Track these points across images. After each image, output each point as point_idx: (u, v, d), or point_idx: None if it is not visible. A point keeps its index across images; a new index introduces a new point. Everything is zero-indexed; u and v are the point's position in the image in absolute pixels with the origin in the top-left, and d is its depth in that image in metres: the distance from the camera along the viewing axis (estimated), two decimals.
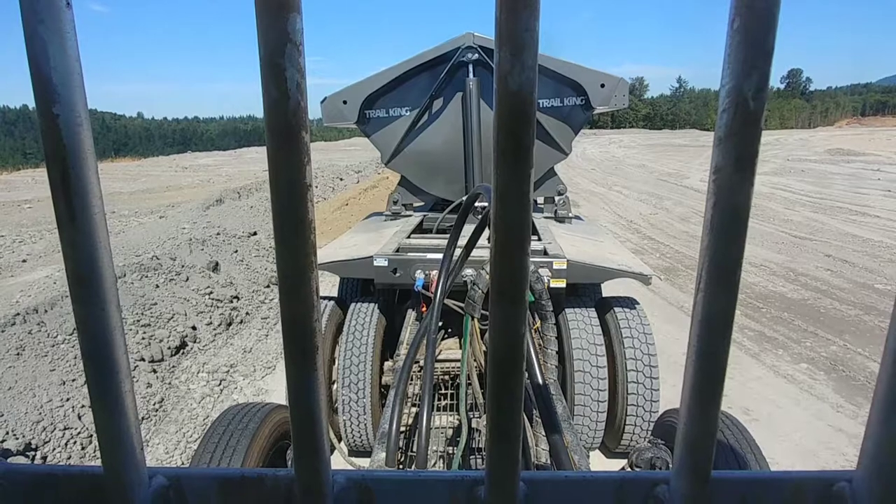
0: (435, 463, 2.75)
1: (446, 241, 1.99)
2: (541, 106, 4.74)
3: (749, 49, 0.36)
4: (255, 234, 10.19)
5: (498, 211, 0.38)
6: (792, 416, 4.35)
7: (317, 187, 18.19)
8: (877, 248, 9.55)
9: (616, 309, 3.67)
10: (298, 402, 0.41)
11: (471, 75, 4.70)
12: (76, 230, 0.37)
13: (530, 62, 0.36)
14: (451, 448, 2.96)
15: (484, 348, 2.65)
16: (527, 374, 2.92)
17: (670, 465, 2.35)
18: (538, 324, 2.27)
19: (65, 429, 3.84)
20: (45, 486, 0.44)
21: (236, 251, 8.43)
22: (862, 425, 4.26)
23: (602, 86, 4.64)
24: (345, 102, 4.91)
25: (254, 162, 30.55)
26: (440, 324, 3.23)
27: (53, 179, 0.36)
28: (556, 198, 5.24)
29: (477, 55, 4.67)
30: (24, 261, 8.87)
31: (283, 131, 0.36)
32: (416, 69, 4.78)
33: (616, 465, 3.66)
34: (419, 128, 4.94)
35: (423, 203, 5.64)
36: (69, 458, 3.71)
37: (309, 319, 0.39)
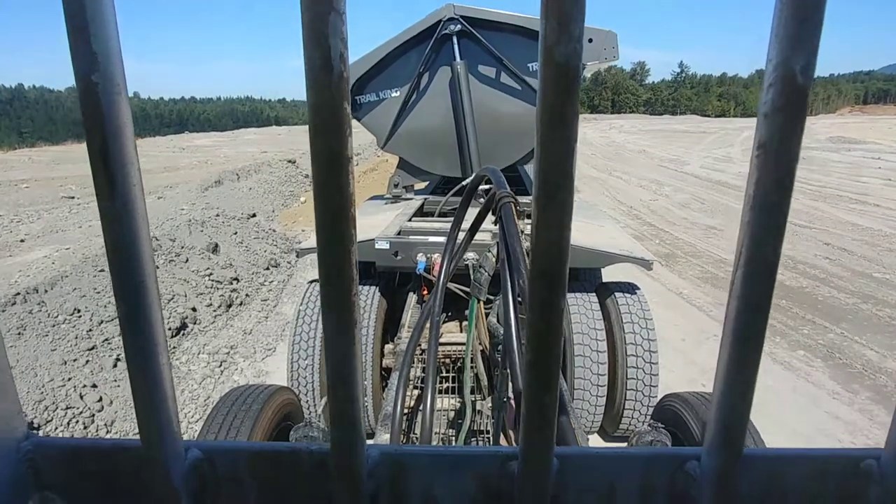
0: (436, 445, 2.78)
1: (448, 224, 1.99)
2: (530, 69, 4.69)
3: (799, 23, 0.36)
4: (254, 215, 10.16)
5: (540, 188, 0.38)
6: (789, 403, 4.40)
7: None
8: (876, 236, 9.58)
9: (616, 294, 3.68)
10: (337, 376, 0.41)
11: (457, 55, 4.64)
12: (115, 202, 0.37)
13: (577, 33, 0.35)
14: (450, 431, 2.99)
15: (488, 331, 2.66)
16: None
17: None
18: None
19: (67, 408, 3.86)
20: (78, 459, 0.44)
21: (235, 233, 8.41)
22: (858, 412, 4.32)
23: (590, 40, 4.60)
24: None
25: (252, 143, 30.35)
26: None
27: (93, 150, 0.36)
28: None
29: (459, 26, 4.61)
30: (22, 241, 8.84)
31: (326, 102, 0.36)
32: (401, 48, 4.73)
33: None
34: (411, 107, 4.90)
35: (424, 185, 5.62)
36: (71, 437, 3.74)
37: (348, 293, 0.39)
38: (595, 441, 3.82)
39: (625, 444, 2.42)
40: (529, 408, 0.42)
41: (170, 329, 5.36)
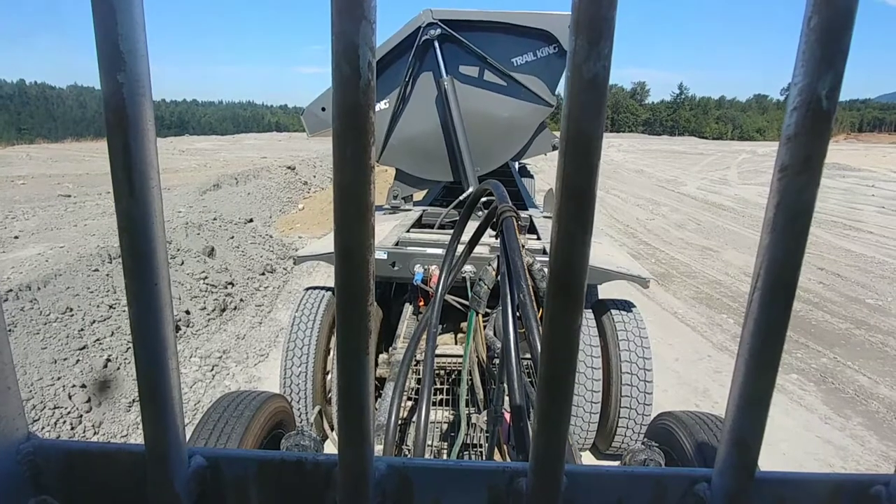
0: (438, 458, 2.76)
1: (446, 236, 1.99)
2: (515, 64, 4.71)
3: (825, 47, 0.36)
4: (251, 220, 10.14)
5: (562, 203, 0.38)
6: (781, 426, 4.39)
7: (314, 177, 18.12)
8: (869, 263, 9.64)
9: (613, 311, 3.68)
10: (348, 387, 0.40)
11: (443, 71, 4.66)
12: (134, 203, 0.36)
13: (606, 51, 0.35)
14: (443, 443, 2.96)
15: (485, 344, 2.65)
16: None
17: (663, 467, 2.35)
18: None
19: (55, 408, 3.81)
20: (80, 463, 0.44)
21: (232, 237, 8.38)
22: (849, 437, 4.31)
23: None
24: (323, 109, 4.87)
25: (252, 148, 30.37)
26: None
27: (114, 149, 0.36)
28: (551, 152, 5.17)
29: (439, 30, 4.64)
30: (16, 237, 8.77)
31: (352, 110, 0.36)
32: (384, 59, 4.75)
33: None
34: (400, 117, 4.91)
35: (423, 195, 5.62)
36: (58, 437, 3.68)
37: (364, 303, 0.38)
38: (587, 458, 3.79)
39: (617, 463, 2.40)
40: (542, 423, 0.41)
41: None
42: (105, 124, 0.36)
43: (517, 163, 12.39)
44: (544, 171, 23.76)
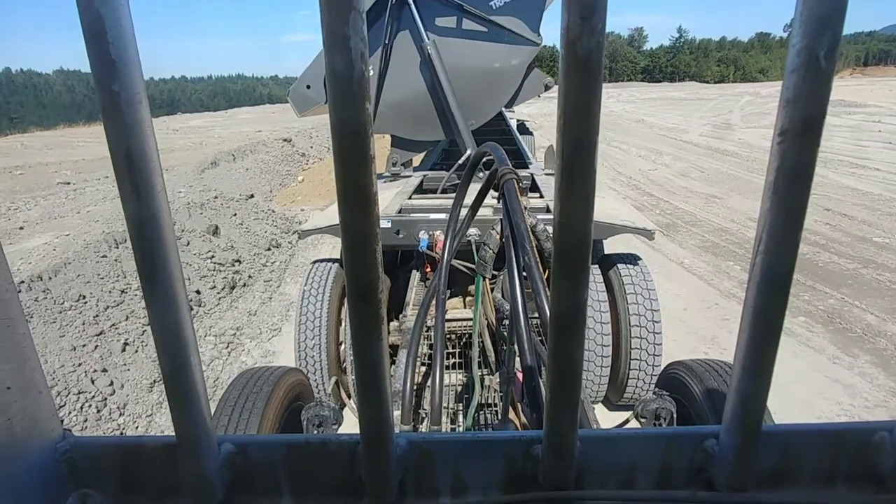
0: (445, 419, 2.83)
1: (449, 201, 1.98)
2: (493, 7, 4.60)
3: (823, 7, 0.35)
4: (252, 196, 10.12)
5: (563, 178, 0.38)
6: (789, 368, 4.46)
7: (311, 148, 17.95)
8: (876, 201, 9.56)
9: (619, 265, 3.70)
10: (363, 365, 0.41)
11: (423, 34, 4.54)
12: (142, 207, 0.37)
13: (600, 26, 0.35)
14: (458, 405, 3.03)
15: (493, 306, 2.68)
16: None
17: (674, 416, 2.41)
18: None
19: (79, 393, 3.92)
20: (114, 456, 0.46)
21: (235, 214, 8.39)
22: (858, 375, 4.38)
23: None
24: (308, 87, 4.76)
25: (246, 123, 30.01)
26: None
27: (117, 158, 0.36)
28: (543, 93, 5.08)
29: None
30: (20, 228, 8.81)
31: (347, 102, 0.36)
32: None
33: (619, 417, 3.77)
34: (385, 81, 4.81)
35: (422, 157, 5.57)
36: (85, 420, 3.80)
37: (374, 284, 0.39)
38: (600, 410, 3.88)
39: (629, 413, 2.46)
40: (554, 391, 0.43)
41: None
42: (105, 133, 0.36)
43: (514, 119, 12.21)
44: (543, 128, 23.42)
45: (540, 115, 30.88)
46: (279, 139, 17.38)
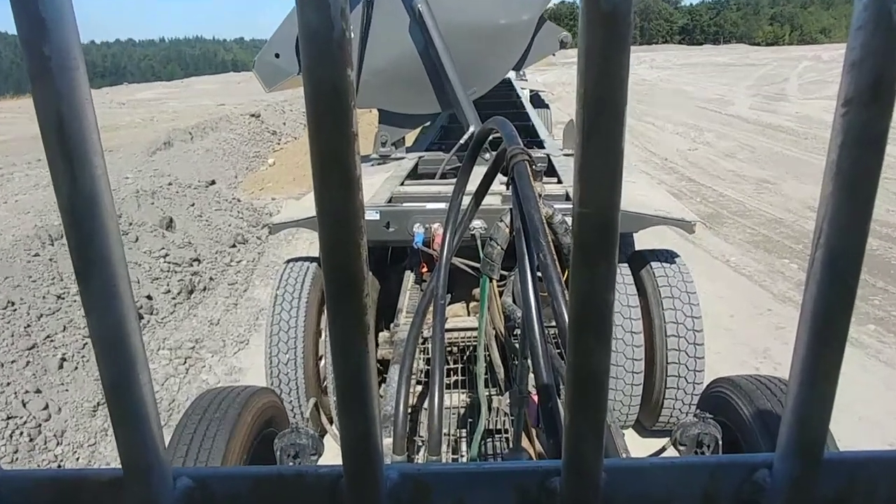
0: (445, 448, 2.84)
1: (449, 187, 1.99)
2: None
3: None
4: (213, 183, 10.13)
5: (584, 156, 0.38)
6: (856, 384, 4.47)
7: (284, 124, 17.95)
8: None
9: (653, 264, 3.70)
10: (347, 385, 0.41)
11: None
12: (77, 193, 0.37)
13: None
14: (461, 431, 3.04)
15: (502, 313, 2.69)
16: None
17: (719, 442, 2.42)
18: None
19: (8, 418, 3.93)
20: (51, 492, 0.46)
21: (193, 204, 8.40)
22: None
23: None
24: (277, 56, 4.72)
25: (206, 94, 29.99)
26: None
27: (48, 134, 0.36)
28: (558, 49, 5.05)
29: None
30: None
31: (325, 67, 0.35)
32: None
33: (652, 444, 3.78)
34: (368, 44, 4.76)
35: (416, 134, 5.55)
36: (16, 451, 3.81)
37: (358, 292, 0.39)
38: (630, 436, 3.89)
39: (666, 440, 2.47)
40: (574, 414, 0.43)
41: None
42: (34, 104, 0.36)
43: (527, 90, 12.21)
44: (562, 99, 23.42)
45: (557, 84, 30.87)
46: (246, 114, 17.37)
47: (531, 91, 13.31)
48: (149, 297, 5.93)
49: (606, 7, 0.35)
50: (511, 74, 10.65)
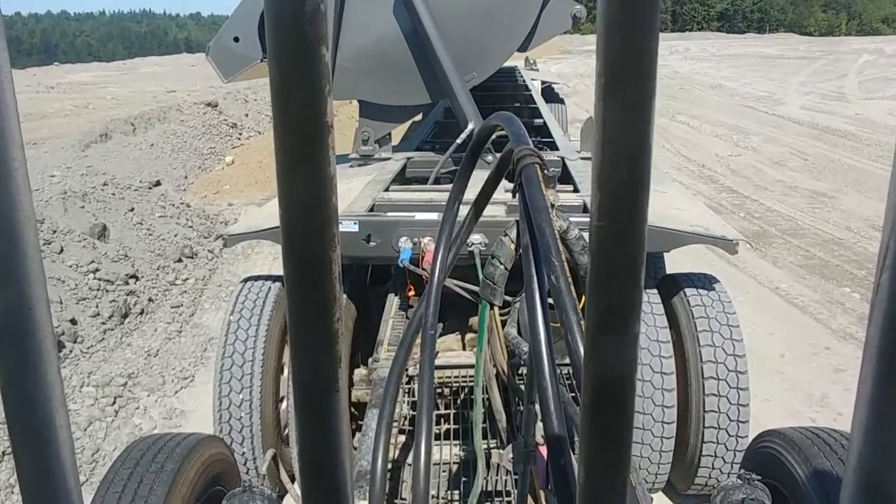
0: None
1: (444, 194, 1.99)
2: None
3: None
4: (158, 184, 10.13)
5: (603, 159, 0.38)
6: None
7: (246, 116, 18.01)
8: None
9: (687, 290, 3.71)
10: (311, 432, 0.41)
11: None
12: None
13: None
14: (454, 493, 3.02)
15: (505, 348, 2.68)
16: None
17: None
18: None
19: None
20: None
21: (132, 209, 8.39)
22: None
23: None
24: (237, 40, 4.73)
25: (153, 79, 30.09)
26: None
27: None
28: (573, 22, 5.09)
29: None
30: None
31: (296, 47, 0.35)
32: None
33: None
34: (344, 24, 4.76)
35: (404, 130, 5.55)
36: None
37: (328, 318, 0.39)
38: (660, 501, 3.87)
39: None
40: (591, 475, 0.42)
41: None
42: None
43: (538, 81, 12.31)
44: (579, 93, 23.63)
45: (574, 75, 31.20)
46: (200, 103, 17.41)
47: (543, 83, 13.40)
48: (73, 322, 5.88)
49: None
50: (519, 62, 10.71)
